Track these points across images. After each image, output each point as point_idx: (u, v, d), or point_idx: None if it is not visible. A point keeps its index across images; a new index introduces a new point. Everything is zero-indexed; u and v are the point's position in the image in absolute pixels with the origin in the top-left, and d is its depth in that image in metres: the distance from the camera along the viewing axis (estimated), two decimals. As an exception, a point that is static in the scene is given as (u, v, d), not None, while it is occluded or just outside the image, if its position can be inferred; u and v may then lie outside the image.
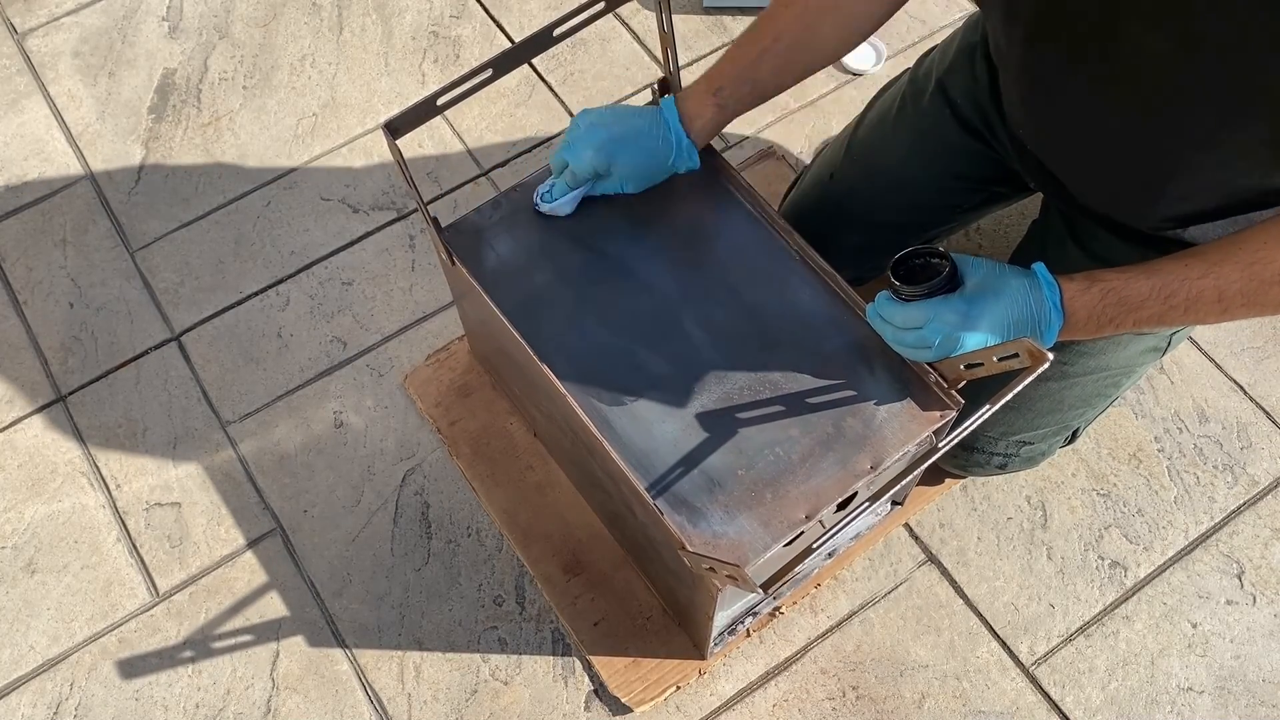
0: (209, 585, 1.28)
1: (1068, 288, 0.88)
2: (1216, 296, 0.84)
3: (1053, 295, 0.88)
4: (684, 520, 0.91)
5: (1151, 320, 0.87)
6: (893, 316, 0.92)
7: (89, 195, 1.54)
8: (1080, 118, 0.91)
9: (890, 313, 0.92)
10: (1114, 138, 0.90)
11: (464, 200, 1.53)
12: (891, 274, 0.91)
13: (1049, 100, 0.93)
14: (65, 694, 1.23)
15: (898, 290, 0.91)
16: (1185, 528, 1.29)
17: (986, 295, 0.89)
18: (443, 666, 1.23)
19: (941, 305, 0.89)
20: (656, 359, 0.98)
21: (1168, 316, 0.87)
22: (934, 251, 0.91)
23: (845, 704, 1.21)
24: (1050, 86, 0.91)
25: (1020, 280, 0.89)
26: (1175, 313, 0.86)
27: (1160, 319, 0.87)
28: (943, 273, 0.90)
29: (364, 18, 1.69)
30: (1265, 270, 0.83)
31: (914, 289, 0.90)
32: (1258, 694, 1.20)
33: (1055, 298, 0.88)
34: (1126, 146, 0.89)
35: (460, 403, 1.36)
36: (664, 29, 0.98)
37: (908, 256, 0.92)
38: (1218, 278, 0.84)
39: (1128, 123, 0.87)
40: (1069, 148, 0.97)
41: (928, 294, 0.90)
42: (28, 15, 1.70)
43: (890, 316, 0.92)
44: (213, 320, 1.45)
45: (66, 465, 1.35)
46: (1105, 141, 0.91)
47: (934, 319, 0.89)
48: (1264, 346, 1.40)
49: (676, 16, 1.67)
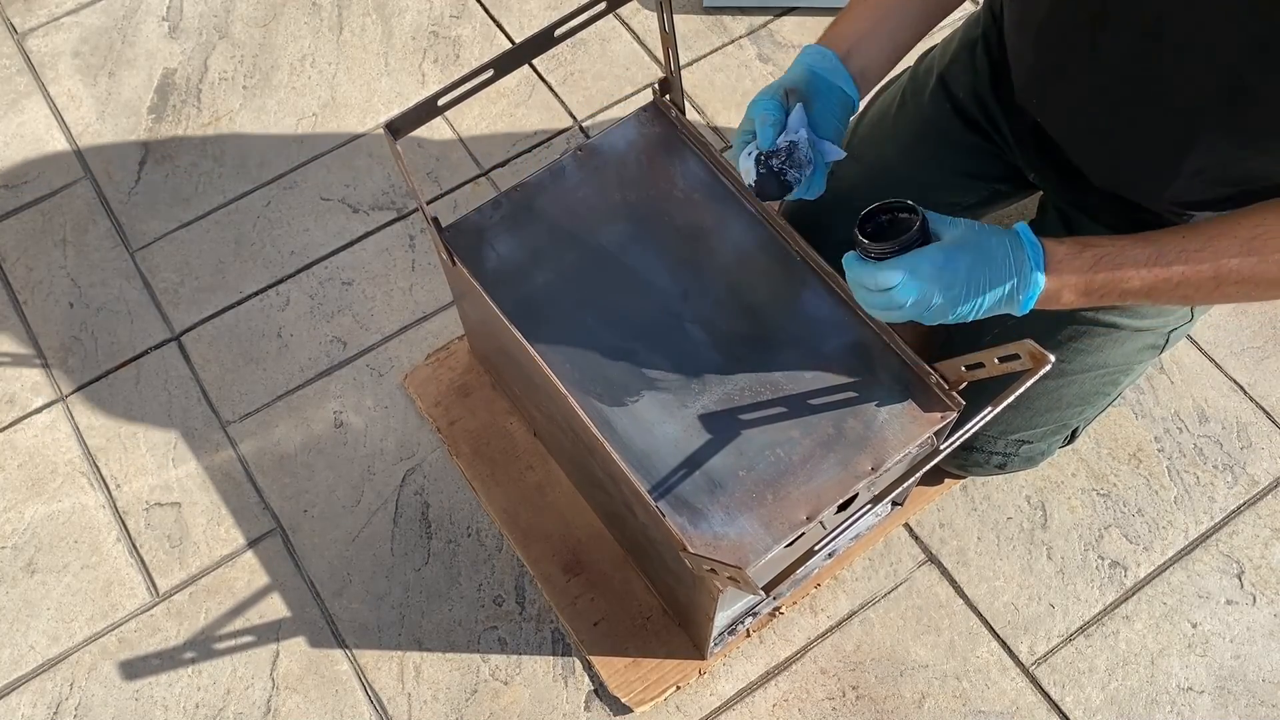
0: (209, 585, 1.28)
1: (1056, 250, 0.84)
2: (1212, 272, 0.82)
3: (1035, 255, 0.84)
4: (685, 521, 0.91)
5: (1142, 292, 0.84)
6: (862, 278, 0.86)
7: (89, 195, 1.54)
8: (1097, 84, 0.89)
9: (859, 274, 0.86)
10: (1129, 107, 0.88)
11: (464, 200, 1.53)
12: (859, 231, 0.85)
13: (1064, 68, 0.91)
14: (65, 694, 1.23)
15: (866, 249, 0.84)
16: (1185, 528, 1.29)
17: (963, 251, 0.83)
18: (443, 666, 1.23)
19: (916, 259, 0.83)
20: (657, 359, 0.98)
21: (1158, 290, 0.83)
22: (903, 205, 0.85)
23: (845, 704, 1.21)
24: (1069, 50, 0.89)
25: (1000, 238, 0.84)
26: (1167, 287, 0.83)
27: (1151, 292, 0.84)
28: (913, 227, 0.83)
29: (364, 18, 1.69)
30: (1264, 247, 0.81)
31: (883, 246, 0.83)
32: (1258, 694, 1.20)
33: (1038, 258, 0.84)
34: (1141, 117, 0.88)
35: (460, 402, 1.36)
36: (665, 29, 0.98)
37: (874, 212, 0.85)
38: (1215, 252, 0.81)
39: (1142, 90, 0.84)
40: (1081, 121, 0.95)
41: (898, 250, 0.83)
42: (28, 15, 1.70)
43: (859, 278, 0.86)
44: (213, 320, 1.45)
45: (66, 465, 1.35)
46: (1120, 112, 0.89)
47: (907, 276, 0.83)
48: (1264, 346, 1.40)
49: (677, 16, 1.66)
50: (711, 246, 1.03)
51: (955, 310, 0.85)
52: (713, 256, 1.03)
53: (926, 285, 0.83)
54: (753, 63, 1.63)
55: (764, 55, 1.63)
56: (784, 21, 1.66)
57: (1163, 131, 0.87)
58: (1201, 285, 0.83)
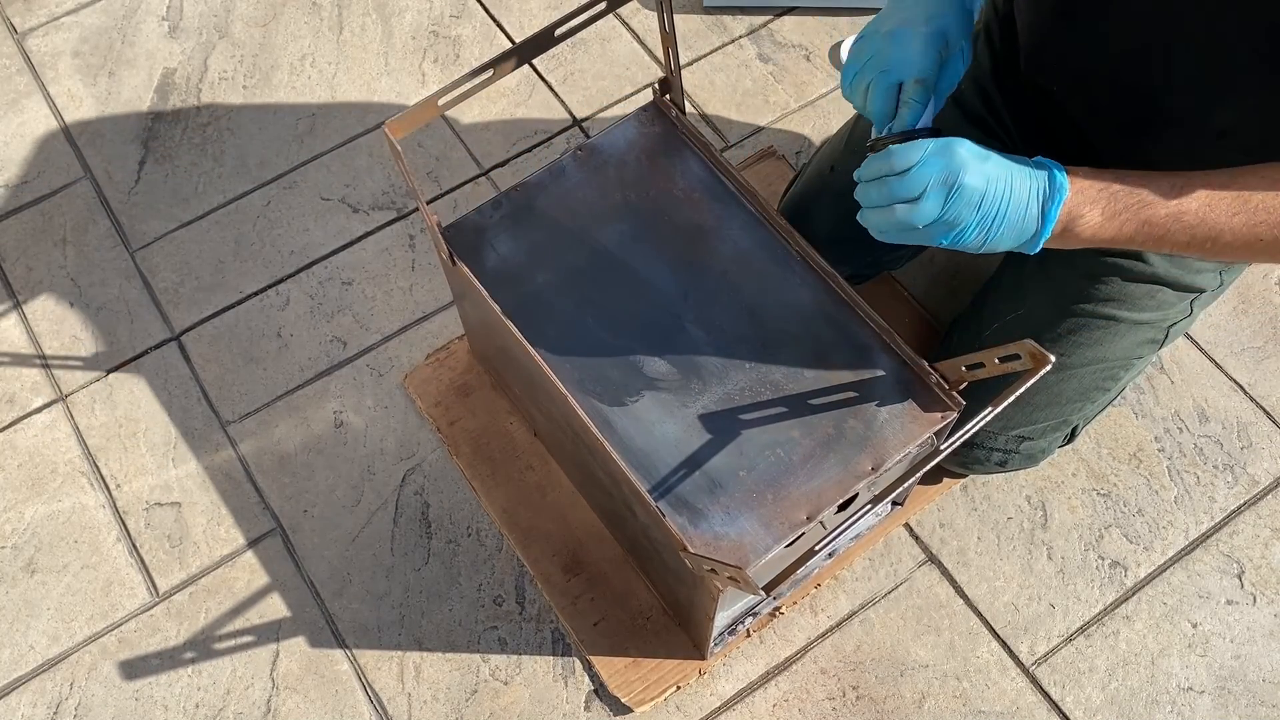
0: (209, 585, 1.28)
1: (1074, 170, 0.81)
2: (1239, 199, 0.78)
3: (1058, 170, 0.81)
4: (685, 521, 0.91)
5: (1164, 222, 0.79)
6: (880, 165, 0.80)
7: (89, 195, 1.54)
8: (1119, 31, 0.87)
9: (877, 162, 0.80)
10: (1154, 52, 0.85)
11: (464, 200, 1.53)
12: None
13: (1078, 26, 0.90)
14: (65, 694, 1.22)
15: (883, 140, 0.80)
16: (1185, 528, 1.29)
17: (990, 148, 0.80)
18: (443, 666, 1.23)
19: (943, 141, 0.78)
20: (657, 359, 0.98)
21: (1182, 219, 0.79)
22: (919, 131, 0.81)
23: (845, 704, 1.21)
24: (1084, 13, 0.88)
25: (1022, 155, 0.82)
26: (1189, 216, 0.79)
27: (1175, 220, 0.79)
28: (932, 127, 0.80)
29: (364, 18, 1.69)
30: None
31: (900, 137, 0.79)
32: (1258, 694, 1.20)
33: (1061, 172, 0.81)
34: (1167, 63, 0.85)
35: (460, 402, 1.36)
36: (665, 29, 0.98)
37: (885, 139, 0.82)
38: (1240, 185, 0.79)
39: (1172, 28, 0.83)
40: (1099, 79, 0.93)
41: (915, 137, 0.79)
42: (28, 15, 1.70)
43: (877, 167, 0.80)
44: (213, 320, 1.45)
45: (66, 465, 1.35)
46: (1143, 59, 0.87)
47: (932, 153, 0.77)
48: (1264, 346, 1.40)
49: (677, 16, 1.66)
50: (711, 246, 1.03)
51: (979, 207, 0.79)
52: (713, 256, 1.03)
53: (954, 163, 0.77)
54: (753, 63, 1.63)
55: (764, 55, 1.63)
56: (784, 21, 1.66)
57: (1191, 77, 0.83)
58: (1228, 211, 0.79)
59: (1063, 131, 1.04)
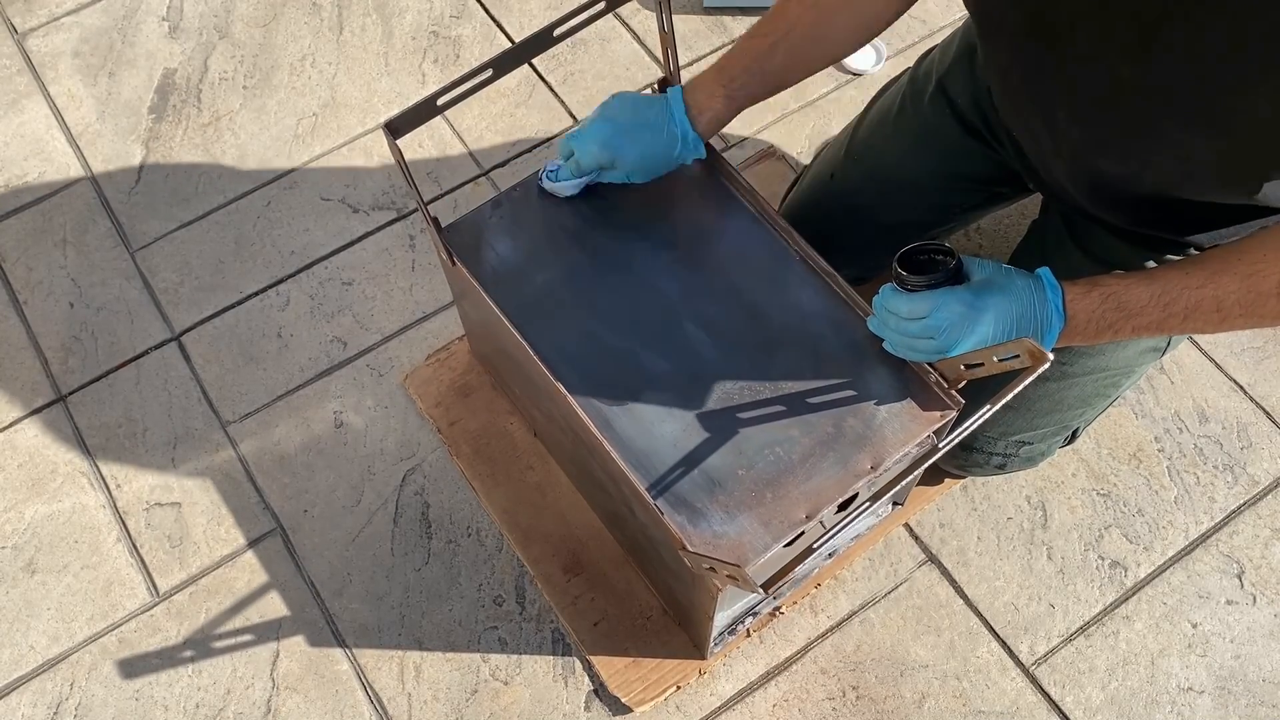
0: (209, 585, 1.28)
1: (1069, 290, 0.89)
2: (1215, 306, 0.85)
3: (1055, 298, 0.88)
4: (684, 520, 0.91)
5: (1150, 327, 0.88)
6: (898, 307, 0.91)
7: (89, 195, 1.54)
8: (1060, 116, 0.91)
9: (895, 304, 0.92)
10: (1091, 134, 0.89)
11: (464, 200, 1.53)
12: (898, 265, 0.91)
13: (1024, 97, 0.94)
14: (65, 694, 1.23)
15: (904, 280, 0.91)
16: (1185, 528, 1.29)
17: (992, 290, 0.89)
18: (443, 666, 1.23)
19: (948, 295, 0.89)
20: (657, 359, 0.98)
21: (1166, 324, 0.87)
22: (940, 248, 0.91)
23: (845, 704, 1.21)
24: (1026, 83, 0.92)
25: (1025, 280, 0.89)
26: (1174, 320, 0.87)
27: (1159, 326, 0.87)
28: (949, 266, 0.90)
29: (364, 18, 1.69)
30: (1263, 283, 0.83)
31: (920, 279, 0.90)
32: (1258, 694, 1.20)
33: (1058, 300, 0.88)
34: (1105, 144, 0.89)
35: (460, 403, 1.36)
36: (664, 29, 0.98)
37: (913, 251, 0.92)
38: (1216, 287, 0.84)
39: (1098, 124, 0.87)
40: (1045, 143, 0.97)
41: (933, 285, 0.90)
42: (28, 15, 1.70)
43: (895, 307, 0.92)
44: (213, 320, 1.45)
45: (66, 465, 1.35)
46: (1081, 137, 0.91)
47: (940, 307, 0.88)
48: (1264, 346, 1.40)
49: (676, 16, 1.67)
50: (711, 246, 1.03)
51: (984, 340, 0.89)
52: (713, 256, 1.03)
53: (956, 319, 0.87)
54: (753, 63, 1.62)
55: (764, 55, 1.63)
56: (784, 22, 1.66)
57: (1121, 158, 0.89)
58: (1207, 320, 0.86)
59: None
